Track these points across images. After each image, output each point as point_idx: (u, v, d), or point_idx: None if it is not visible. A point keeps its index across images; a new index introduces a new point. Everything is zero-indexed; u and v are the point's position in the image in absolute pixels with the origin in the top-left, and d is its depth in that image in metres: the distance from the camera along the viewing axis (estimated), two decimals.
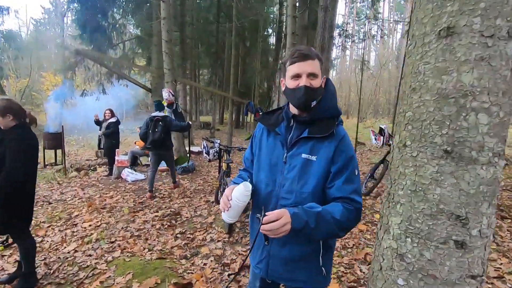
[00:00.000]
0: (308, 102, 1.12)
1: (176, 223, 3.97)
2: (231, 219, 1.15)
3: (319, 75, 1.13)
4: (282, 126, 1.24)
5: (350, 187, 1.09)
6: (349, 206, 1.07)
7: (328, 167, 1.11)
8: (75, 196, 5.25)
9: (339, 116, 1.19)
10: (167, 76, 7.29)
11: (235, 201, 1.10)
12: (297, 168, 1.14)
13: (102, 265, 2.76)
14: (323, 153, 1.12)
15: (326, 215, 1.01)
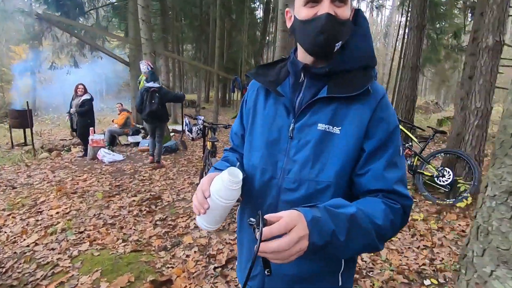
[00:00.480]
0: (330, 41, 0.71)
1: (156, 208, 3.58)
2: (211, 225, 0.76)
3: (347, 6, 0.71)
4: (287, 84, 0.83)
5: (394, 175, 0.71)
6: (395, 203, 0.70)
7: (360, 143, 0.73)
8: (43, 180, 4.73)
9: (374, 65, 0.79)
10: (145, 47, 6.60)
11: (217, 199, 0.71)
12: (311, 146, 0.75)
13: (65, 261, 2.36)
14: (352, 122, 0.73)
15: (363, 220, 0.63)
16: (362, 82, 0.73)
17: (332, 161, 0.73)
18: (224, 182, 0.70)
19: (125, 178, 4.80)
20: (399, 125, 0.76)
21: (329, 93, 0.74)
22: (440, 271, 2.20)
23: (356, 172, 0.74)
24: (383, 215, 0.67)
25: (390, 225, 0.68)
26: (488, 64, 3.16)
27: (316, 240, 0.56)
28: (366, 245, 0.65)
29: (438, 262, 2.32)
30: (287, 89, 0.82)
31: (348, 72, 0.75)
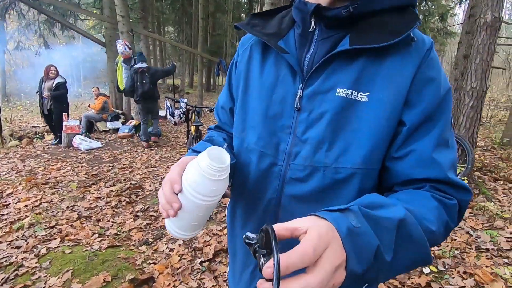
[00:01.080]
0: None
1: (137, 199, 3.33)
2: (185, 232, 0.55)
3: None
4: (291, 36, 0.60)
5: (446, 158, 0.51)
6: (450, 198, 0.50)
7: (398, 114, 0.52)
8: (11, 170, 4.34)
9: (415, 5, 0.56)
10: (121, 25, 6.13)
11: (191, 194, 0.49)
12: (327, 120, 0.53)
13: (31, 261, 2.09)
14: (387, 84, 0.51)
15: (414, 227, 0.43)
16: (400, 27, 0.51)
17: (359, 140, 0.52)
18: (203, 169, 0.48)
19: (103, 167, 4.48)
20: (451, 89, 0.55)
21: (352, 44, 0.51)
22: (439, 258, 2.11)
23: (391, 155, 0.53)
24: (437, 216, 0.47)
25: (444, 229, 0.48)
26: (485, 41, 3.02)
27: (356, 268, 0.36)
28: (415, 261, 0.45)
29: (436, 248, 2.23)
30: (292, 43, 0.60)
31: (380, 14, 0.53)
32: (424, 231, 0.44)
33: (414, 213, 0.44)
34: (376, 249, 0.37)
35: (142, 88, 5.06)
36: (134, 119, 6.64)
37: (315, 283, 0.31)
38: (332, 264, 0.33)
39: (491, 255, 2.12)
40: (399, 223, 0.41)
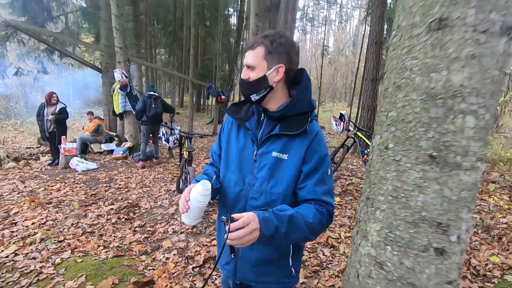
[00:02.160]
0: (245, 94, 1.07)
1: (135, 216, 3.73)
2: (191, 221, 1.03)
3: (256, 66, 1.02)
4: (253, 121, 1.14)
5: (322, 189, 1.03)
6: (322, 208, 1.02)
7: (300, 166, 1.04)
8: (13, 191, 4.65)
9: (313, 111, 1.11)
10: (119, 56, 6.65)
11: (194, 202, 0.99)
12: (267, 167, 1.06)
13: (49, 268, 2.48)
14: (295, 151, 1.04)
15: (298, 219, 0.94)
16: (302, 124, 1.04)
17: (282, 179, 1.05)
18: (198, 190, 0.98)
19: (101, 187, 4.85)
20: (328, 154, 1.08)
21: (280, 130, 1.05)
22: None
23: (297, 187, 1.06)
24: (313, 216, 0.98)
25: (319, 223, 0.99)
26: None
27: (265, 232, 0.87)
28: (301, 237, 0.96)
29: None
30: (252, 124, 1.13)
31: (293, 116, 1.07)
32: (304, 221, 0.95)
33: (300, 213, 0.96)
34: (276, 226, 0.88)
35: (155, 110, 5.76)
36: (128, 141, 7.05)
37: (242, 233, 0.82)
38: (251, 227, 0.84)
39: None
40: (289, 216, 0.92)
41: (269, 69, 1.01)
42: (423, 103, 0.63)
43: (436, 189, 0.64)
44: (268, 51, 1.00)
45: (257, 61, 1.01)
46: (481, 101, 0.59)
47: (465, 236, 0.67)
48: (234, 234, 0.82)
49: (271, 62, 1.01)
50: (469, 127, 0.60)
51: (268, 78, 1.02)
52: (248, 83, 1.03)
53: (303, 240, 1.00)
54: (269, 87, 1.04)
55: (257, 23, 3.92)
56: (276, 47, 1.00)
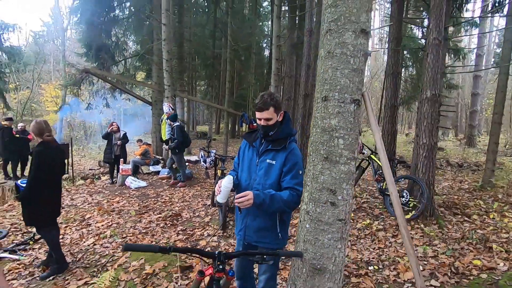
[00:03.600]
0: (266, 134, 1.82)
1: (178, 223, 4.58)
2: (222, 199, 1.78)
3: (273, 117, 1.77)
4: (257, 142, 1.91)
5: (294, 181, 1.74)
6: (293, 192, 1.72)
7: (282, 168, 1.77)
8: (84, 201, 5.83)
9: (292, 136, 1.85)
10: (167, 92, 7.98)
11: (223, 187, 1.75)
12: (264, 169, 1.81)
13: (118, 253, 3.37)
14: (279, 159, 1.78)
15: (277, 196, 1.66)
16: (284, 143, 1.79)
17: (272, 175, 1.78)
18: (226, 181, 1.74)
19: (150, 200, 5.85)
20: (300, 161, 1.80)
21: (271, 147, 1.81)
22: (382, 261, 3.09)
23: (280, 180, 1.78)
24: (287, 196, 1.69)
25: (290, 200, 1.69)
26: (428, 110, 4.21)
27: (256, 201, 1.60)
28: (279, 207, 1.68)
29: (384, 257, 3.21)
30: (257, 144, 1.90)
31: (279, 139, 1.82)
32: (281, 198, 1.68)
33: (279, 194, 1.70)
34: (263, 199, 1.63)
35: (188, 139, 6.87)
36: None
37: (243, 199, 1.58)
38: (249, 197, 1.60)
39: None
40: (271, 194, 1.66)
41: (277, 117, 1.80)
42: (321, 133, 1.34)
43: (329, 173, 1.32)
44: (275, 108, 1.77)
45: (271, 115, 1.76)
46: (344, 132, 1.28)
47: (347, 197, 1.33)
48: (238, 200, 1.57)
49: (277, 113, 1.80)
50: (341, 143, 1.30)
51: (277, 120, 1.81)
52: (268, 127, 1.77)
53: (282, 210, 1.70)
54: (278, 125, 1.82)
55: (277, 66, 4.80)
56: (277, 104, 1.79)
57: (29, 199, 2.89)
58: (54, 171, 3.03)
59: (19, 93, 22.81)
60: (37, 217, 2.96)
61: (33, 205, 2.91)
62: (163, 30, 7.82)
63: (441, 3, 4.16)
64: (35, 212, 2.93)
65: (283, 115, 1.87)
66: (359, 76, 1.33)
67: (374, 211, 4.70)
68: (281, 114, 1.84)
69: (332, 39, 1.32)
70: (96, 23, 9.35)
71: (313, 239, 1.40)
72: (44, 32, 36.38)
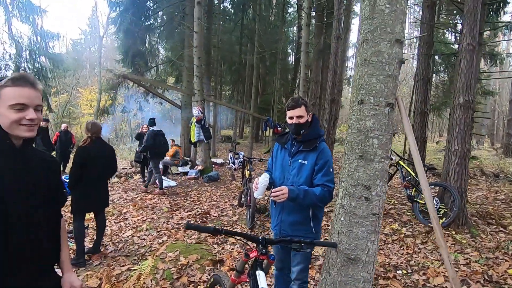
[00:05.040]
0: (298, 132, 1.95)
1: (207, 220, 4.80)
2: (259, 195, 1.94)
3: (304, 115, 1.91)
4: (289, 143, 2.05)
5: (326, 178, 1.86)
6: (325, 188, 1.84)
7: (313, 167, 1.90)
8: (120, 198, 6.24)
9: (321, 136, 1.98)
10: (197, 96, 8.34)
11: (260, 184, 1.90)
12: (296, 168, 1.94)
13: (156, 245, 3.63)
14: (310, 159, 1.91)
15: (310, 192, 1.79)
16: (314, 144, 1.92)
17: (304, 174, 1.91)
18: (263, 178, 1.90)
19: (180, 199, 6.15)
20: (330, 159, 1.93)
21: (303, 148, 1.95)
22: (410, 266, 3.10)
23: (312, 178, 1.91)
24: (319, 191, 1.81)
25: (322, 196, 1.81)
26: (461, 116, 4.14)
27: (290, 195, 1.74)
28: (312, 202, 1.81)
29: (413, 262, 3.21)
30: (288, 145, 2.04)
31: (309, 140, 1.95)
32: (314, 194, 1.81)
33: (312, 190, 1.83)
34: (297, 193, 1.77)
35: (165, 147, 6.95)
36: (200, 165, 8.50)
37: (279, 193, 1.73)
38: (284, 191, 1.74)
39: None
40: (305, 189, 1.80)
41: (307, 116, 1.94)
42: (357, 134, 1.47)
43: (364, 170, 1.43)
44: (306, 107, 1.92)
45: (303, 113, 1.91)
46: (378, 133, 1.39)
47: (380, 193, 1.43)
48: (274, 193, 1.72)
49: (307, 112, 1.94)
50: (375, 143, 1.41)
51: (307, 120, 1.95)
52: (300, 125, 1.90)
53: (314, 204, 1.83)
54: (308, 125, 1.97)
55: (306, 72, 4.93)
56: (308, 105, 1.95)
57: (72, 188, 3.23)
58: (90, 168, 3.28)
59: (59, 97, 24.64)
60: (71, 206, 3.28)
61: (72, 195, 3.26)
62: (195, 37, 8.21)
63: (476, 8, 4.11)
64: (72, 201, 3.26)
65: (311, 116, 2.00)
66: (393, 82, 1.44)
67: (402, 218, 4.65)
68: (310, 115, 1.98)
69: (368, 48, 1.45)
70: (133, 31, 9.99)
71: (347, 231, 1.52)
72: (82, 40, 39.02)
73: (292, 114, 1.92)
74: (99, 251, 3.43)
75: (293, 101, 1.93)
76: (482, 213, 4.61)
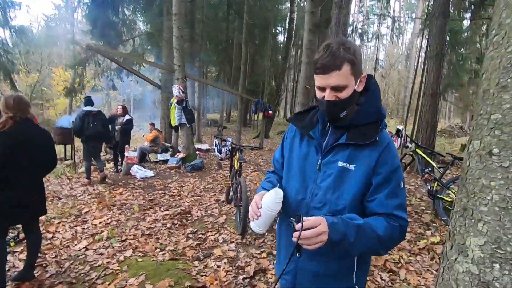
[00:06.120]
0: (333, 115, 1.01)
1: (187, 222, 3.89)
2: (261, 228, 1.04)
3: (347, 84, 0.95)
4: (317, 129, 1.11)
5: (394, 202, 0.97)
6: (394, 222, 0.95)
7: (369, 177, 0.98)
8: (84, 192, 5.22)
9: (383, 119, 1.06)
10: (177, 73, 7.21)
11: (266, 209, 1.00)
12: (333, 177, 1.01)
13: (114, 264, 2.70)
14: (364, 161, 0.99)
15: (367, 229, 0.90)
16: (372, 133, 1.00)
17: (348, 190, 1.00)
18: (272, 197, 0.99)
19: (157, 193, 5.19)
20: (400, 166, 1.02)
21: (347, 140, 1.01)
22: None
23: (366, 199, 1.00)
24: (384, 229, 0.93)
25: (389, 237, 0.93)
26: None
27: (333, 236, 0.85)
28: (369, 248, 0.92)
29: None
30: (317, 133, 1.10)
31: (362, 125, 1.03)
32: (374, 233, 0.91)
33: (370, 225, 0.92)
34: (344, 233, 0.86)
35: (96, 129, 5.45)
36: (181, 152, 7.49)
37: (311, 233, 0.82)
38: (320, 229, 0.83)
39: None
40: (358, 225, 0.89)
41: (356, 83, 0.98)
42: None
43: None
44: (352, 66, 0.94)
45: (346, 80, 0.95)
46: None
47: None
48: (304, 233, 0.82)
49: (357, 75, 0.97)
50: None
51: (356, 91, 1.00)
52: (339, 103, 0.97)
53: (372, 252, 0.96)
54: (357, 100, 1.03)
55: (310, 38, 3.98)
56: (356, 60, 0.94)
57: None
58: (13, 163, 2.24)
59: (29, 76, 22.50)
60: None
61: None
62: (174, 3, 6.99)
63: None
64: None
65: (365, 81, 1.04)
66: None
67: (423, 217, 3.90)
68: (363, 78, 1.02)
69: None
70: None
71: None
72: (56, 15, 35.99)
73: (323, 82, 0.97)
74: (32, 277, 2.47)
75: (328, 55, 0.93)
76: None
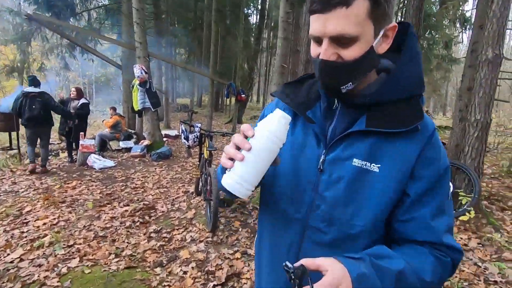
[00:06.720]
0: (331, 86, 0.63)
1: (150, 219, 3.43)
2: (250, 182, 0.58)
3: (358, 35, 0.56)
4: (318, 108, 0.72)
5: (443, 224, 0.63)
6: (445, 256, 0.62)
7: (403, 185, 0.63)
8: (29, 187, 4.51)
9: (422, 95, 0.66)
10: (139, 51, 6.47)
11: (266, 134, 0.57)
12: (345, 182, 0.64)
13: (53, 280, 2.19)
14: (395, 159, 0.62)
15: (410, 278, 0.56)
16: (410, 117, 0.61)
17: (369, 204, 0.63)
18: (278, 116, 0.58)
19: (117, 186, 4.62)
20: (449, 166, 0.67)
21: (368, 126, 0.62)
22: None
23: (398, 218, 0.64)
24: (432, 270, 0.59)
25: (438, 280, 0.60)
26: (487, 76, 3.17)
27: None
28: None
29: None
30: (318, 114, 0.71)
31: (392, 103, 0.64)
32: (420, 281, 0.56)
33: (414, 266, 0.57)
34: None
35: (31, 113, 4.90)
36: (147, 139, 6.86)
37: None
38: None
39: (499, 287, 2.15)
40: (398, 272, 0.54)
41: (377, 35, 0.59)
42: None
43: None
44: (374, 2, 0.55)
45: (357, 27, 0.55)
46: None
47: None
48: None
49: (379, 22, 0.58)
50: None
51: (375, 50, 0.60)
52: (341, 67, 0.59)
53: None
54: (376, 65, 0.64)
55: (287, 10, 3.54)
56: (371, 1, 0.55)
57: None
58: None
59: None
60: None
61: None
62: None
63: None
64: None
65: (393, 32, 0.62)
66: None
67: None
68: (390, 29, 0.61)
69: None
70: None
71: None
72: None
73: (319, 29, 0.57)
74: None
75: None
76: (490, 196, 3.90)
